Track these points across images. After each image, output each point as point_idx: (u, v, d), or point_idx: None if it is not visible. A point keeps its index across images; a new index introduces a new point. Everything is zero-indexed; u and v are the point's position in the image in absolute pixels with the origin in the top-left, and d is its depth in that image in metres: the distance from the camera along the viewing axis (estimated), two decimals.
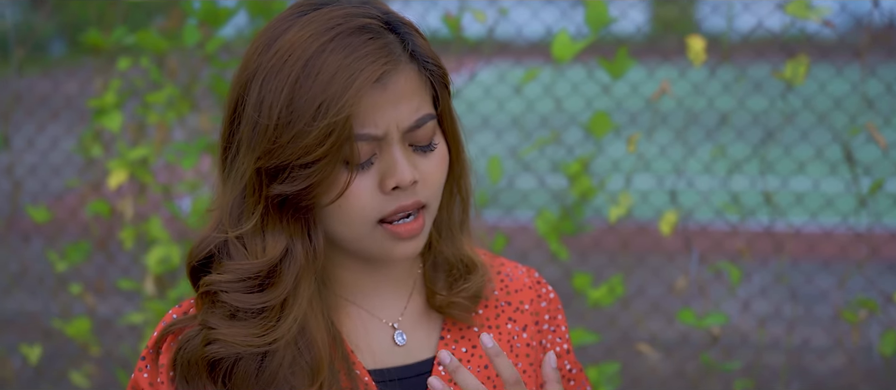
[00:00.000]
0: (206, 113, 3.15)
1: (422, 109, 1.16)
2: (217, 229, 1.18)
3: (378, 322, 1.28)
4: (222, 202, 1.19)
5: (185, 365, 1.18)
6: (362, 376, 1.23)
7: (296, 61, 1.11)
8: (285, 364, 1.17)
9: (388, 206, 1.16)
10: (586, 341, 2.56)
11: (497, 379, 1.28)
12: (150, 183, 2.87)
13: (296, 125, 1.10)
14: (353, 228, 1.17)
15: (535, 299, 1.37)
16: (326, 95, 1.10)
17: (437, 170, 1.19)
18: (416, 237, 1.19)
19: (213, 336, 1.16)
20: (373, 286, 1.28)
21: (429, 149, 1.18)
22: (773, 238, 3.08)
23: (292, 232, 1.17)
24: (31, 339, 3.70)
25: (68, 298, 3.51)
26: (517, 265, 1.40)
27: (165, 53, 2.97)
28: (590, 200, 2.66)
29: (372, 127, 1.12)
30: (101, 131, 3.21)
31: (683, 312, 2.60)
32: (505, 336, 1.32)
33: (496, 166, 2.66)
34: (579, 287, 2.65)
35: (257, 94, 1.13)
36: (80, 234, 3.90)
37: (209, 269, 1.19)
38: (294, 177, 1.13)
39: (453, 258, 1.30)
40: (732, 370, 2.65)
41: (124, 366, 3.60)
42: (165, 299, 2.86)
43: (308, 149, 1.10)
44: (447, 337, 1.29)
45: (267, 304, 1.16)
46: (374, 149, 1.14)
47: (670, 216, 2.68)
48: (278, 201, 1.15)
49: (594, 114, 2.57)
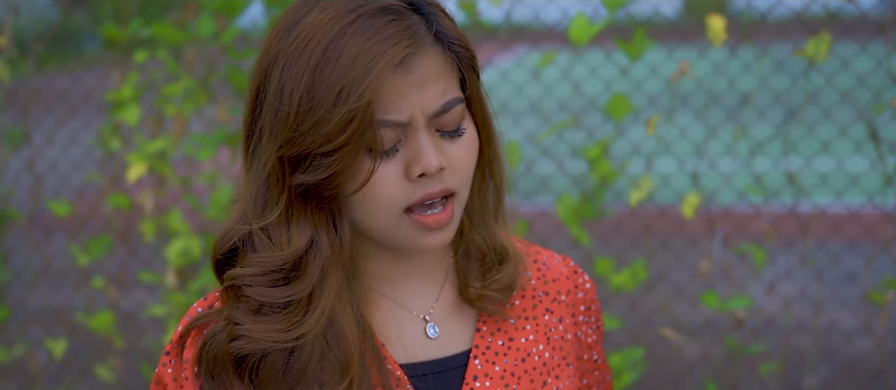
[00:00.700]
0: (223, 104, 3.15)
1: (448, 93, 1.12)
2: (241, 221, 1.15)
3: (409, 314, 1.24)
4: (246, 192, 1.15)
5: (210, 361, 1.15)
6: (394, 371, 1.20)
7: (316, 45, 1.08)
8: (314, 359, 1.13)
9: (414, 194, 1.12)
10: (610, 326, 2.54)
11: (534, 373, 1.26)
12: (169, 175, 2.87)
13: (316, 112, 1.07)
14: (379, 218, 1.13)
15: (572, 289, 1.33)
16: (347, 80, 1.06)
17: (465, 156, 1.14)
18: (444, 227, 1.15)
19: (239, 331, 1.13)
20: (403, 277, 1.24)
21: (457, 135, 1.14)
22: (797, 219, 3.04)
23: (317, 222, 1.13)
24: (56, 334, 3.72)
25: (91, 292, 3.52)
26: (553, 254, 1.37)
27: (182, 45, 2.97)
28: (610, 184, 2.63)
29: (396, 112, 1.09)
30: (120, 125, 3.22)
31: (707, 296, 2.57)
32: (542, 327, 1.29)
33: (515, 151, 2.64)
34: (601, 272, 2.63)
35: (278, 80, 1.10)
36: (102, 228, 3.92)
37: (234, 262, 1.17)
38: (316, 165, 1.09)
39: (486, 247, 1.26)
40: (758, 353, 2.62)
41: (148, 359, 3.61)
42: (187, 291, 2.86)
43: (329, 137, 1.07)
44: (483, 329, 1.26)
45: (292, 298, 1.12)
46: (399, 136, 1.10)
47: (692, 198, 2.65)
48: (302, 191, 1.12)
49: (612, 97, 2.54)
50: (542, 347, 1.27)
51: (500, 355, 1.25)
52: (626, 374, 2.56)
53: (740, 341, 3.19)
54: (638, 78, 3.18)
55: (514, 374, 1.24)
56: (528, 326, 1.28)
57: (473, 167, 1.16)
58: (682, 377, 3.68)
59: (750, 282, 2.89)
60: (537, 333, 1.28)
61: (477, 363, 1.23)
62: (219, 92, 3.13)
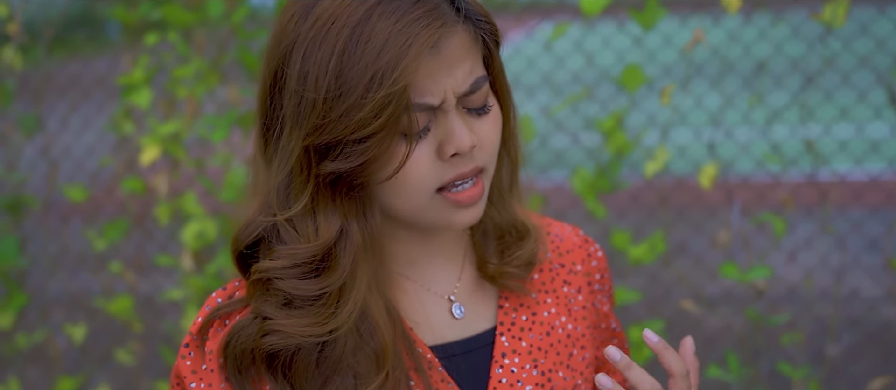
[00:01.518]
0: (234, 85, 3.13)
1: (475, 72, 1.10)
2: (263, 212, 1.13)
3: (434, 295, 1.23)
4: (268, 184, 1.12)
5: (238, 356, 1.13)
6: (425, 354, 1.19)
7: (341, 29, 1.04)
8: (348, 351, 1.11)
9: (447, 174, 1.10)
10: (629, 299, 2.52)
11: (559, 346, 1.26)
12: (182, 158, 2.86)
13: (347, 98, 1.03)
14: (412, 200, 1.11)
15: (585, 259, 1.33)
16: (380, 65, 1.03)
17: (492, 132, 1.13)
18: (476, 203, 1.13)
19: (271, 326, 1.10)
20: (425, 258, 1.23)
21: (483, 112, 1.12)
22: (816, 187, 3.01)
23: (346, 211, 1.11)
24: (75, 319, 3.74)
25: (109, 277, 3.53)
26: (563, 224, 1.37)
27: (192, 27, 2.95)
28: (626, 156, 2.61)
29: (429, 96, 1.06)
30: (133, 109, 3.22)
31: (727, 267, 2.55)
32: (562, 299, 1.29)
33: (528, 126, 2.62)
34: (619, 245, 2.61)
35: (300, 66, 1.06)
36: (117, 213, 3.93)
37: (257, 255, 1.14)
38: (348, 153, 1.06)
39: (504, 224, 1.25)
40: (779, 323, 2.60)
41: (167, 343, 3.62)
42: (204, 274, 2.86)
43: (363, 123, 1.03)
44: (505, 305, 1.26)
45: (325, 290, 1.10)
46: (430, 117, 1.08)
47: (710, 169, 2.62)
48: (331, 180, 1.09)
49: (626, 68, 2.51)
50: (565, 319, 1.28)
51: (526, 330, 1.25)
52: (646, 348, 2.55)
53: (761, 311, 3.16)
54: (651, 48, 3.15)
55: (541, 348, 1.24)
56: (549, 300, 1.28)
57: (499, 142, 1.16)
58: (704, 349, 3.66)
59: (770, 252, 2.86)
60: (558, 306, 1.28)
61: (504, 340, 1.23)
62: (230, 73, 3.11)
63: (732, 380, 2.57)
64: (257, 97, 1.14)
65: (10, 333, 3.30)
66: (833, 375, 3.26)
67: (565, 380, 1.24)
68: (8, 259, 3.01)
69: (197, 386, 1.16)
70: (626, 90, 2.53)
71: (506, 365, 1.22)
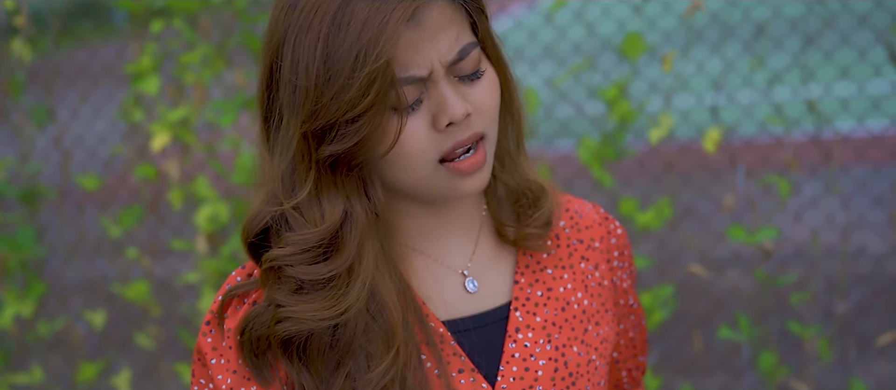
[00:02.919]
0: (240, 68, 3.16)
1: (462, 39, 1.12)
2: (270, 202, 1.15)
3: (447, 270, 1.24)
4: (272, 173, 1.14)
5: (253, 342, 1.15)
6: (437, 328, 1.20)
7: (324, 16, 1.07)
8: (359, 332, 1.13)
9: (445, 144, 1.12)
10: (638, 266, 2.55)
11: (574, 322, 1.26)
12: (192, 142, 2.90)
13: (336, 80, 1.06)
14: (415, 172, 1.13)
15: (605, 236, 1.34)
16: (361, 44, 1.05)
17: (488, 97, 1.14)
18: (480, 170, 1.14)
19: (284, 314, 1.12)
20: (439, 231, 1.23)
21: (476, 78, 1.13)
22: (820, 146, 3.02)
23: (349, 192, 1.13)
24: (94, 305, 3.79)
25: (125, 263, 3.57)
26: (583, 201, 1.37)
27: (197, 13, 2.98)
28: (630, 124, 2.62)
29: (415, 68, 1.08)
30: (142, 96, 3.25)
31: (734, 229, 2.57)
32: (579, 275, 1.29)
33: (533, 97, 2.64)
34: (626, 212, 2.64)
35: (291, 56, 1.09)
36: (131, 199, 3.97)
37: (266, 243, 1.16)
38: (343, 134, 1.08)
39: (518, 187, 1.26)
40: (788, 283, 2.62)
41: (186, 325, 3.67)
42: (218, 256, 2.90)
43: (353, 103, 1.06)
44: (521, 281, 1.26)
45: (334, 272, 1.12)
46: (421, 89, 1.10)
47: (713, 133, 2.64)
48: (330, 162, 1.11)
49: (627, 36, 2.53)
50: (581, 295, 1.28)
51: (541, 305, 1.25)
52: (657, 312, 2.57)
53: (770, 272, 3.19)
54: (651, 15, 3.16)
55: (555, 324, 1.25)
56: (566, 275, 1.28)
57: (498, 107, 1.16)
58: (713, 311, 3.69)
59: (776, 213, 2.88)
60: (575, 281, 1.29)
61: (518, 315, 1.24)
62: (235, 57, 3.14)
63: (744, 341, 2.60)
64: (257, 92, 1.17)
65: (31, 321, 3.35)
66: (842, 332, 3.28)
67: (579, 355, 1.25)
68: (26, 248, 3.05)
69: (217, 362, 1.19)
70: (628, 58, 2.54)
71: (519, 340, 1.22)
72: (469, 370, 1.19)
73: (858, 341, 3.33)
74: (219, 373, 1.18)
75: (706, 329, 3.45)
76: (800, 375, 2.99)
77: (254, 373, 1.16)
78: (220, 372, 1.18)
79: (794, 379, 2.92)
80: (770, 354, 2.68)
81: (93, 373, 3.18)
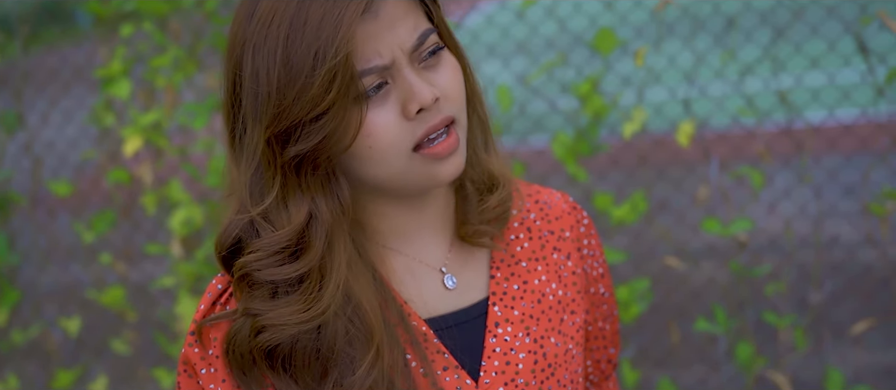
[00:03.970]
0: (212, 71, 3.15)
1: (420, 26, 1.14)
2: (239, 212, 1.15)
3: (425, 268, 1.26)
4: (239, 183, 1.15)
5: (238, 359, 1.16)
6: (419, 327, 1.21)
7: (281, 22, 1.09)
8: (340, 336, 1.14)
9: (417, 131, 1.13)
10: (614, 260, 2.55)
11: (551, 313, 1.28)
12: (165, 146, 2.88)
13: (297, 80, 1.08)
14: (390, 164, 1.14)
15: (574, 225, 1.35)
16: (320, 42, 1.07)
17: (453, 79, 1.16)
18: (455, 152, 1.15)
19: (261, 322, 1.13)
20: (415, 229, 1.25)
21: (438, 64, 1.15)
22: (792, 137, 3.05)
23: (314, 192, 1.14)
24: (69, 312, 3.76)
25: (100, 268, 3.55)
26: (551, 191, 1.38)
27: (167, 16, 2.96)
28: (603, 119, 2.63)
29: (376, 58, 1.10)
30: (113, 100, 3.22)
31: (708, 221, 2.58)
32: (552, 266, 1.31)
33: (506, 95, 2.64)
34: (601, 207, 2.65)
35: (251, 66, 1.11)
36: (104, 204, 3.94)
37: (240, 255, 1.16)
38: (307, 132, 1.10)
39: (480, 181, 1.27)
40: (763, 274, 2.64)
41: (162, 330, 3.65)
42: (193, 260, 2.89)
43: (316, 100, 1.08)
44: (497, 275, 1.28)
45: (302, 270, 1.13)
46: (385, 78, 1.11)
47: (686, 126, 2.65)
48: (296, 164, 1.12)
49: (599, 32, 2.54)
50: (556, 285, 1.30)
51: (517, 299, 1.27)
52: (634, 306, 2.58)
53: (744, 263, 3.21)
54: (622, 10, 3.17)
55: (533, 316, 1.27)
56: (540, 267, 1.30)
57: (464, 92, 1.18)
58: (690, 303, 3.71)
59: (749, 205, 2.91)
60: (549, 273, 1.30)
61: (496, 309, 1.25)
62: (207, 59, 3.13)
63: (721, 332, 2.61)
64: (222, 107, 1.18)
65: (5, 330, 3.32)
66: (817, 321, 3.31)
67: (557, 345, 1.27)
68: None
69: (207, 371, 1.19)
70: (600, 54, 2.55)
71: (499, 335, 1.24)
72: (453, 367, 1.21)
73: (834, 330, 3.36)
74: (210, 382, 1.19)
75: (683, 321, 3.47)
76: (776, 365, 3.02)
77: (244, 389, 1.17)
78: (211, 381, 1.19)
79: (771, 369, 2.94)
80: (747, 345, 2.69)
81: (69, 381, 3.16)
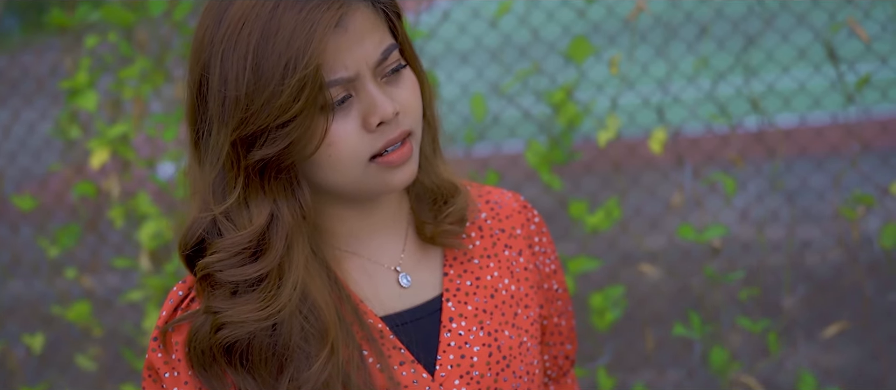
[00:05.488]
0: (181, 81, 3.10)
1: (385, 41, 1.18)
2: (202, 211, 1.19)
3: (380, 268, 1.29)
4: (203, 183, 1.18)
5: (199, 355, 1.19)
6: (375, 324, 1.25)
7: (251, 28, 1.12)
8: (295, 333, 1.18)
9: (376, 143, 1.17)
10: (588, 267, 2.55)
11: (504, 307, 1.33)
12: (132, 158, 2.83)
13: (266, 88, 1.11)
14: (348, 173, 1.18)
15: (524, 223, 1.40)
16: (291, 52, 1.10)
17: (412, 95, 1.20)
18: (408, 162, 1.20)
19: (221, 319, 1.17)
20: (368, 232, 1.29)
21: (399, 74, 1.19)
22: (764, 143, 3.07)
23: (276, 195, 1.18)
24: (32, 328, 3.69)
25: (65, 283, 3.48)
26: (502, 191, 1.43)
27: (133, 26, 2.91)
28: (577, 127, 2.63)
29: (342, 70, 1.14)
30: (77, 111, 3.16)
31: (683, 228, 2.59)
32: (504, 262, 1.36)
33: (480, 103, 2.63)
34: (576, 214, 2.64)
35: (219, 69, 1.13)
36: (69, 217, 3.87)
37: (203, 254, 1.20)
38: (274, 138, 1.13)
39: (434, 186, 1.31)
40: (736, 280, 2.65)
41: (129, 344, 3.59)
42: (162, 273, 2.84)
43: (284, 108, 1.11)
44: (450, 272, 1.32)
45: (262, 271, 1.16)
46: (349, 91, 1.15)
47: (659, 134, 2.66)
48: (260, 168, 1.15)
49: (573, 40, 2.53)
50: (508, 281, 1.35)
51: (470, 295, 1.31)
52: (609, 313, 2.58)
53: (718, 269, 3.22)
54: (595, 18, 3.18)
55: (486, 311, 1.31)
56: (492, 264, 1.35)
57: (421, 106, 1.22)
58: (664, 309, 3.72)
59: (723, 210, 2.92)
60: (501, 269, 1.35)
61: (450, 305, 1.30)
62: (175, 69, 3.08)
63: (696, 338, 2.62)
64: (185, 109, 1.20)
65: None
66: (790, 325, 3.33)
67: (511, 338, 1.31)
68: None
69: (170, 375, 1.23)
70: (574, 62, 2.55)
71: (454, 329, 1.29)
72: (409, 362, 1.25)
73: (806, 333, 3.38)
74: (173, 386, 1.22)
75: (657, 327, 3.48)
76: (750, 370, 3.03)
77: (206, 386, 1.20)
78: (174, 384, 1.22)
79: (745, 374, 2.95)
80: (721, 350, 2.70)
81: None
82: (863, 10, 2.99)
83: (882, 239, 2.60)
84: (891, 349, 3.31)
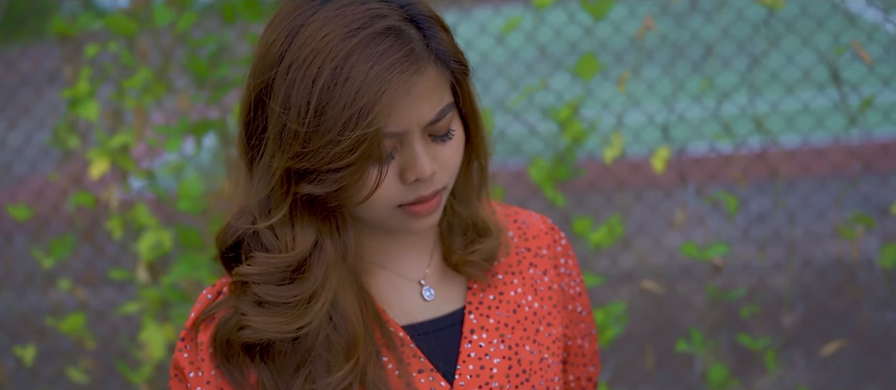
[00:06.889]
0: (183, 93, 3.07)
1: (443, 100, 1.16)
2: (243, 217, 1.20)
3: (405, 281, 1.31)
4: (249, 192, 1.19)
5: (223, 346, 1.22)
6: (397, 332, 1.27)
7: (322, 64, 1.10)
8: (319, 342, 1.19)
9: (408, 196, 1.17)
10: (591, 284, 2.55)
11: (526, 322, 1.33)
12: (132, 169, 2.80)
13: (325, 134, 1.10)
14: (375, 213, 1.19)
15: (551, 244, 1.40)
16: (356, 108, 1.09)
17: (454, 155, 1.19)
18: (432, 213, 1.21)
19: (245, 322, 1.19)
20: (396, 248, 1.30)
21: (447, 138, 1.18)
22: (766, 163, 3.07)
23: (321, 228, 1.19)
24: (24, 340, 3.64)
25: (58, 294, 3.45)
26: (531, 213, 1.43)
27: (135, 36, 2.89)
28: (582, 143, 2.63)
29: (394, 126, 1.13)
30: (76, 121, 3.13)
31: (686, 246, 2.59)
32: (528, 280, 1.36)
33: (487, 119, 2.62)
34: (580, 231, 2.64)
35: (283, 93, 1.12)
36: (64, 227, 3.83)
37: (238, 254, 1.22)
38: (324, 179, 1.13)
39: (469, 218, 1.32)
40: (738, 298, 2.65)
41: (123, 357, 3.55)
42: (159, 285, 2.81)
43: (339, 156, 1.11)
44: (474, 287, 1.33)
45: (296, 298, 1.18)
46: (396, 143, 1.15)
47: (662, 152, 2.66)
48: (308, 200, 1.17)
49: (581, 57, 2.53)
50: (531, 298, 1.35)
51: (493, 308, 1.32)
52: (610, 329, 2.58)
53: (719, 287, 3.22)
54: (602, 36, 3.18)
55: (507, 325, 1.32)
56: (516, 280, 1.35)
57: (460, 163, 1.21)
58: (667, 326, 3.72)
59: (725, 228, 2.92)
60: (525, 286, 1.36)
61: (472, 317, 1.30)
62: (177, 80, 3.05)
63: (698, 354, 2.62)
64: (241, 105, 1.20)
65: None
66: (790, 343, 3.34)
67: (532, 354, 1.32)
68: None
69: (194, 375, 1.25)
70: (581, 78, 2.54)
71: (474, 341, 1.29)
72: (428, 370, 1.26)
73: (806, 351, 3.39)
74: (197, 385, 1.25)
75: (659, 344, 3.48)
76: (750, 387, 3.03)
77: (227, 378, 1.22)
78: (198, 384, 1.24)
79: None
80: (720, 367, 2.70)
81: None
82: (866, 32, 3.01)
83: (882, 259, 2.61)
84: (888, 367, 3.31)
